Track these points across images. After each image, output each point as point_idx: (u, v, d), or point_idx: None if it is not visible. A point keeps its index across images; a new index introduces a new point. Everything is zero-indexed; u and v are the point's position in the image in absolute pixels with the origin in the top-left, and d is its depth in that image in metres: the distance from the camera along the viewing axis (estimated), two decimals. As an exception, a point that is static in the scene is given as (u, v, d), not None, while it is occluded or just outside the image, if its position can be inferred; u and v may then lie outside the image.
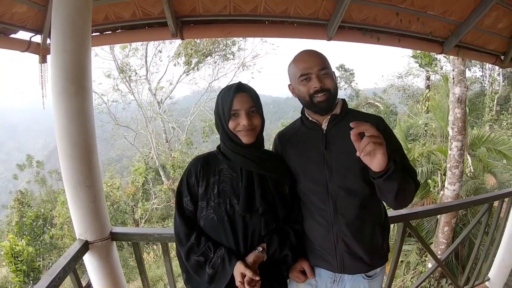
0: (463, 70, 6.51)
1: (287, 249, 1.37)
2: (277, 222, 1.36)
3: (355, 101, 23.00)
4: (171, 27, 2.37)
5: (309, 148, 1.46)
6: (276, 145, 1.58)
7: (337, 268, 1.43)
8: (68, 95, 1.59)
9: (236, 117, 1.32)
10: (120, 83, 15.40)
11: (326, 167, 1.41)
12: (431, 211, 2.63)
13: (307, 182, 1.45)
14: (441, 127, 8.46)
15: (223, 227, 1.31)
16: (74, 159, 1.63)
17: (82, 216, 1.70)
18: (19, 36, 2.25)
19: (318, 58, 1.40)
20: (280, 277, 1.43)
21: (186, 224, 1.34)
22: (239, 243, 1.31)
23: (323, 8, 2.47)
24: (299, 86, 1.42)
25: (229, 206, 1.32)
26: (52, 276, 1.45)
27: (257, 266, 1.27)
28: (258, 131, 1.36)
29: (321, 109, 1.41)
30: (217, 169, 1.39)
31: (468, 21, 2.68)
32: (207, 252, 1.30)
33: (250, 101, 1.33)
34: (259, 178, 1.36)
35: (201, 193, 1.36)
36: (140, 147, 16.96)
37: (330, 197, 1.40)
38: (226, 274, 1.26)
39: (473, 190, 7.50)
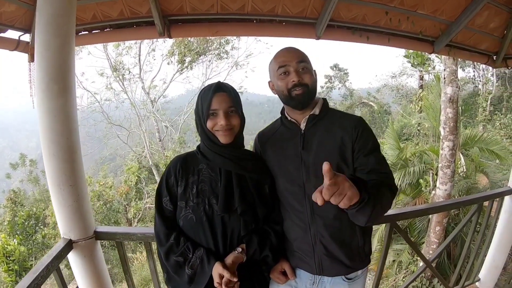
0: (455, 70, 6.55)
1: (267, 249, 1.36)
2: (256, 222, 1.35)
3: (349, 100, 23.08)
4: (158, 26, 2.35)
5: (287, 148, 1.45)
6: (256, 144, 1.57)
7: (315, 270, 1.42)
8: (51, 94, 1.58)
9: (215, 117, 1.31)
10: (113, 81, 15.33)
11: (303, 167, 1.39)
12: (419, 211, 2.62)
13: (284, 183, 1.44)
14: (434, 127, 8.52)
15: (202, 227, 1.31)
16: (57, 158, 1.62)
17: (65, 215, 1.69)
18: (7, 35, 2.24)
19: (297, 52, 1.41)
20: (261, 278, 1.43)
21: (165, 224, 1.34)
22: (218, 243, 1.31)
23: (311, 6, 2.46)
24: (277, 81, 1.41)
25: (208, 206, 1.32)
26: (35, 274, 1.45)
27: (236, 267, 1.27)
28: (237, 131, 1.35)
29: (298, 102, 1.39)
30: (196, 168, 1.38)
31: (459, 21, 2.68)
32: (186, 252, 1.29)
33: (228, 101, 1.32)
34: (238, 178, 1.36)
35: (180, 193, 1.35)
36: (133, 146, 16.88)
37: (307, 198, 1.38)
38: (205, 275, 1.25)
39: (465, 190, 7.55)
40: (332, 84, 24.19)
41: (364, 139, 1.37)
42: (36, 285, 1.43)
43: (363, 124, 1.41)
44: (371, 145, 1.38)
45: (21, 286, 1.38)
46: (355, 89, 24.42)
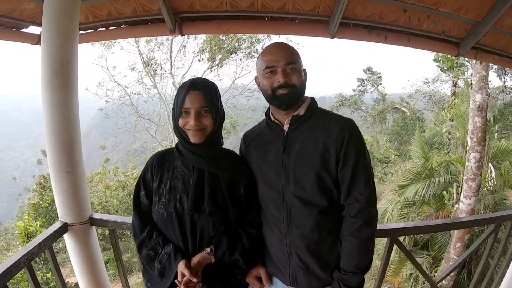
0: (485, 76, 6.13)
1: (238, 253, 1.32)
2: (228, 224, 1.32)
3: (381, 105, 22.36)
4: (169, 23, 2.40)
5: (269, 151, 1.37)
6: (241, 145, 1.52)
7: (289, 280, 1.35)
8: (53, 88, 1.69)
9: (187, 116, 1.28)
10: (144, 76, 15.75)
11: (283, 172, 1.32)
12: (422, 228, 2.44)
13: (263, 187, 1.38)
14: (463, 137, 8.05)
15: (172, 223, 1.31)
16: (57, 146, 1.73)
17: (62, 200, 1.79)
18: (30, 30, 2.43)
19: (286, 51, 1.31)
20: (234, 281, 1.39)
21: (140, 218, 1.36)
22: (188, 241, 1.30)
23: (323, 3, 2.39)
24: (263, 79, 1.33)
25: (179, 203, 1.31)
26: (27, 250, 1.56)
27: (201, 267, 1.25)
28: (209, 131, 1.31)
29: (282, 102, 1.30)
30: (171, 165, 1.38)
31: (485, 21, 2.47)
32: (157, 247, 1.30)
33: (202, 100, 1.28)
34: (211, 177, 1.33)
35: (155, 188, 1.36)
36: (161, 140, 17.28)
37: (285, 206, 1.31)
38: (172, 271, 1.26)
39: (492, 205, 7.06)
40: (364, 87, 23.53)
41: (350, 148, 1.26)
42: (26, 260, 1.53)
43: (349, 130, 1.29)
44: (356, 158, 1.27)
45: (12, 259, 1.49)
46: (388, 93, 23.59)
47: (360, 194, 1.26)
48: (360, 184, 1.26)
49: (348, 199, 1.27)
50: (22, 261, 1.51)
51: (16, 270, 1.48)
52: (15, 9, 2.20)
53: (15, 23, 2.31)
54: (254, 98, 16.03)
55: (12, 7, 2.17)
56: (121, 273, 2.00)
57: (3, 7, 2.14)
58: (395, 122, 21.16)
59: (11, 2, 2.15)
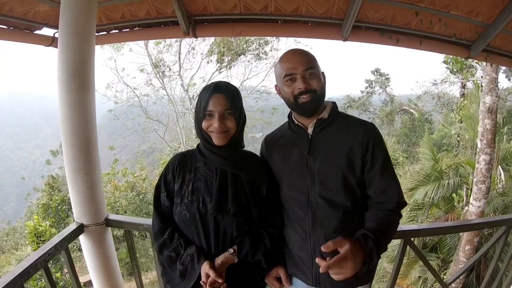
0: (495, 77, 6.08)
1: (261, 253, 1.33)
2: (250, 224, 1.33)
3: (389, 106, 22.22)
4: (183, 26, 2.43)
5: (293, 153, 1.40)
6: (262, 148, 1.54)
7: (312, 281, 1.37)
8: (70, 90, 1.71)
9: (210, 118, 1.30)
10: (153, 78, 15.84)
11: (308, 174, 1.34)
12: (435, 230, 2.42)
13: (288, 189, 1.40)
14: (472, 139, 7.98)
15: (195, 225, 1.31)
16: (74, 148, 1.75)
17: (79, 201, 1.81)
18: (43, 32, 2.46)
19: (303, 57, 1.34)
20: (254, 282, 1.40)
21: (161, 219, 1.36)
22: (210, 242, 1.30)
23: (336, 6, 2.41)
24: (283, 87, 1.36)
25: (202, 204, 1.31)
26: (44, 251, 1.58)
27: (225, 268, 1.26)
28: (232, 133, 1.32)
29: (305, 110, 1.35)
30: (193, 166, 1.38)
31: (496, 23, 2.48)
32: (179, 248, 1.31)
33: (225, 103, 1.29)
34: (234, 178, 1.34)
35: (177, 190, 1.36)
36: (169, 142, 17.35)
37: (310, 206, 1.34)
38: (195, 272, 1.26)
39: (502, 208, 6.98)
40: (372, 89, 23.37)
41: (375, 151, 1.31)
42: (43, 261, 1.54)
43: (373, 134, 1.34)
44: (383, 160, 1.32)
45: (29, 260, 1.50)
46: (396, 95, 23.41)
47: (394, 191, 1.32)
48: (389, 182, 1.32)
49: (381, 197, 1.32)
50: (39, 262, 1.52)
51: (33, 271, 1.50)
52: (29, 11, 2.23)
53: (28, 25, 2.34)
54: (262, 100, 16.02)
55: (26, 9, 2.21)
56: (136, 273, 2.02)
57: (17, 9, 2.17)
58: (403, 124, 21.03)
59: (26, 4, 2.18)
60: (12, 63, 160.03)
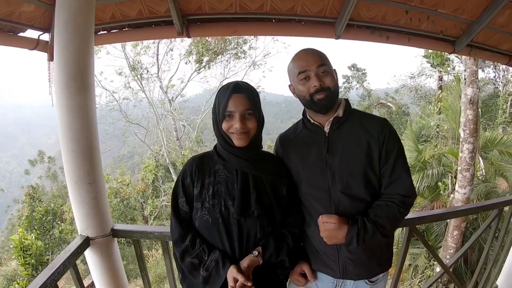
0: (475, 70, 6.37)
1: (284, 253, 1.33)
2: (273, 225, 1.33)
3: (367, 101, 22.67)
4: (177, 26, 2.37)
5: (311, 151, 1.41)
6: (277, 147, 1.54)
7: (339, 274, 1.40)
8: (70, 92, 1.61)
9: (230, 119, 1.28)
10: (131, 80, 15.52)
11: (329, 171, 1.37)
12: (438, 215, 2.54)
13: (308, 187, 1.41)
14: (453, 129, 8.30)
15: (218, 229, 1.29)
16: (76, 156, 1.64)
17: (83, 213, 1.71)
18: (27, 34, 2.30)
19: (316, 56, 1.36)
20: (277, 282, 1.40)
21: (181, 226, 1.33)
22: (234, 245, 1.29)
23: (331, 6, 2.43)
24: (298, 85, 1.38)
25: (224, 208, 1.29)
26: (52, 270, 1.47)
27: (251, 270, 1.25)
28: (253, 134, 1.31)
29: (321, 107, 1.37)
30: (212, 169, 1.36)
31: (480, 20, 2.60)
32: (202, 254, 1.28)
33: (246, 103, 1.27)
34: (255, 180, 1.33)
35: (196, 194, 1.33)
36: (150, 145, 17.09)
37: (332, 203, 1.36)
38: (220, 278, 1.24)
39: (484, 194, 7.32)
40: (350, 84, 23.83)
41: (390, 144, 1.35)
42: (53, 281, 1.44)
43: (388, 128, 1.38)
44: (397, 151, 1.36)
45: (38, 281, 1.40)
46: (373, 89, 23.96)
47: (402, 184, 1.36)
48: (400, 174, 1.36)
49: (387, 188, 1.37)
50: (49, 283, 1.42)
51: (43, 293, 1.39)
52: (13, 12, 2.07)
53: (12, 27, 2.17)
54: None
55: (11, 10, 2.05)
56: (146, 283, 1.96)
57: (0, 10, 2.02)
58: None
59: (10, 5, 2.03)
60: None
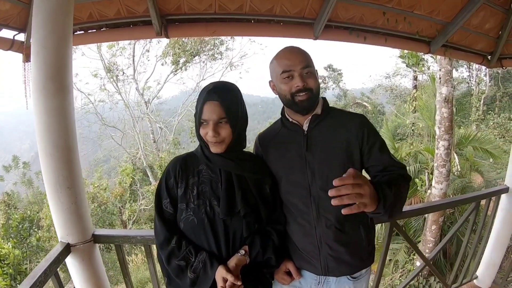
0: (450, 70, 6.60)
1: (271, 251, 1.33)
2: (259, 223, 1.33)
3: (343, 101, 23.14)
4: (156, 26, 2.32)
5: (291, 150, 1.42)
6: (257, 147, 1.54)
7: (321, 271, 1.41)
8: (48, 94, 1.54)
9: (206, 126, 1.27)
10: (107, 82, 15.21)
11: (308, 169, 1.38)
12: (418, 210, 2.60)
13: (289, 185, 1.42)
14: (428, 127, 8.60)
15: (204, 229, 1.28)
16: (55, 159, 1.58)
17: (63, 218, 1.65)
18: (2, 34, 2.19)
19: (301, 56, 1.36)
20: (264, 280, 1.41)
21: (166, 228, 1.31)
22: (221, 245, 1.28)
23: (310, 7, 2.45)
24: (280, 84, 1.38)
25: (209, 208, 1.29)
26: (33, 279, 1.41)
27: (239, 269, 1.24)
28: (228, 142, 1.29)
29: (302, 108, 1.38)
30: (196, 169, 1.35)
31: (455, 21, 2.69)
32: (188, 256, 1.26)
33: (219, 111, 1.25)
34: (238, 179, 1.33)
35: (181, 195, 1.32)
36: (127, 148, 16.77)
37: (312, 200, 1.37)
38: (208, 279, 1.23)
39: (460, 189, 7.60)
40: (326, 84, 24.24)
41: (372, 138, 1.38)
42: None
43: (367, 123, 1.41)
44: (379, 143, 1.39)
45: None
46: (349, 89, 24.51)
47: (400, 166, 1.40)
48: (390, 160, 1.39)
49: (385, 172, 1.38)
50: None
51: (27, 304, 1.33)
52: (-13, 11, 1.98)
53: (-14, 27, 2.07)
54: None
55: None
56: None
57: None
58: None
59: None
60: None
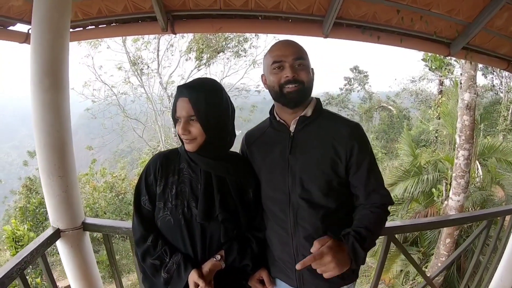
0: (473, 75, 6.25)
1: (248, 258, 1.28)
2: (238, 229, 1.28)
3: (368, 103, 22.67)
4: (161, 22, 2.35)
5: (274, 151, 1.33)
6: (243, 146, 1.47)
7: (296, 282, 1.33)
8: (43, 88, 1.62)
9: (179, 123, 1.23)
10: (131, 75, 15.52)
11: (290, 174, 1.29)
12: (420, 225, 2.44)
13: (268, 189, 1.34)
14: (450, 135, 8.23)
15: (180, 230, 1.24)
16: (48, 149, 1.66)
17: (54, 205, 1.72)
18: (18, 28, 2.33)
19: (294, 48, 1.28)
20: (239, 286, 1.36)
21: (143, 225, 1.27)
22: (197, 248, 1.24)
23: (318, 3, 2.37)
24: (270, 75, 1.29)
25: (187, 209, 1.24)
26: (19, 259, 1.49)
27: (213, 275, 1.21)
28: (200, 141, 1.23)
29: (289, 100, 1.27)
30: (177, 168, 1.30)
31: (476, 22, 2.50)
32: (163, 256, 1.23)
33: (188, 108, 1.20)
34: (219, 182, 1.27)
35: (159, 193, 1.28)
36: (148, 140, 17.09)
37: (291, 207, 1.28)
38: (181, 281, 1.20)
39: (480, 202, 7.20)
40: (351, 86, 23.81)
41: (360, 154, 1.27)
42: (19, 269, 1.45)
43: (359, 135, 1.30)
44: (369, 161, 1.29)
45: (4, 268, 1.41)
46: (375, 92, 23.90)
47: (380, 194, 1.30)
48: (375, 185, 1.30)
49: (368, 199, 1.29)
50: (15, 271, 1.43)
51: (9, 281, 1.39)
52: (2, 6, 2.10)
53: (1, 21, 2.21)
54: (241, 98, 15.95)
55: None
56: (116, 278, 1.94)
57: None
58: (381, 121, 21.49)
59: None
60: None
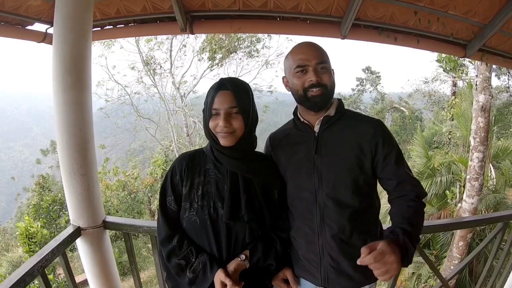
0: (488, 76, 6.15)
1: (272, 258, 1.29)
2: (263, 229, 1.29)
3: (380, 104, 22.41)
4: (180, 22, 2.37)
5: (299, 151, 1.35)
6: (267, 147, 1.49)
7: (320, 281, 1.33)
8: (66, 86, 1.64)
9: (216, 117, 1.23)
10: (144, 75, 15.67)
11: (316, 173, 1.30)
12: (433, 227, 2.39)
13: (294, 188, 1.35)
14: (464, 136, 8.09)
15: (206, 231, 1.25)
16: (70, 148, 1.68)
17: (75, 203, 1.75)
18: (35, 28, 2.37)
19: (317, 51, 1.29)
20: (262, 285, 1.37)
21: (168, 225, 1.29)
22: (222, 248, 1.25)
23: (336, 4, 2.38)
24: (293, 78, 1.31)
25: (213, 210, 1.25)
26: (40, 257, 1.51)
27: (238, 274, 1.22)
28: (239, 134, 1.25)
29: (314, 104, 1.29)
30: (203, 169, 1.31)
31: (492, 23, 2.48)
32: (189, 256, 1.25)
33: (231, 100, 1.22)
34: (245, 182, 1.28)
35: (185, 194, 1.29)
36: (161, 140, 17.21)
37: (317, 206, 1.30)
38: (206, 281, 1.21)
39: (493, 205, 7.08)
40: (363, 87, 23.56)
41: (386, 148, 1.29)
42: (40, 267, 1.48)
43: (382, 130, 1.31)
44: (396, 154, 1.30)
45: (26, 266, 1.43)
46: (387, 93, 23.62)
47: (412, 184, 1.29)
48: (405, 176, 1.30)
49: (401, 191, 1.29)
50: (36, 269, 1.45)
51: (30, 278, 1.42)
52: (21, 6, 2.14)
53: (20, 20, 2.24)
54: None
55: (18, 4, 2.11)
56: (135, 276, 1.97)
57: (9, 4, 2.08)
58: (394, 122, 21.23)
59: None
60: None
